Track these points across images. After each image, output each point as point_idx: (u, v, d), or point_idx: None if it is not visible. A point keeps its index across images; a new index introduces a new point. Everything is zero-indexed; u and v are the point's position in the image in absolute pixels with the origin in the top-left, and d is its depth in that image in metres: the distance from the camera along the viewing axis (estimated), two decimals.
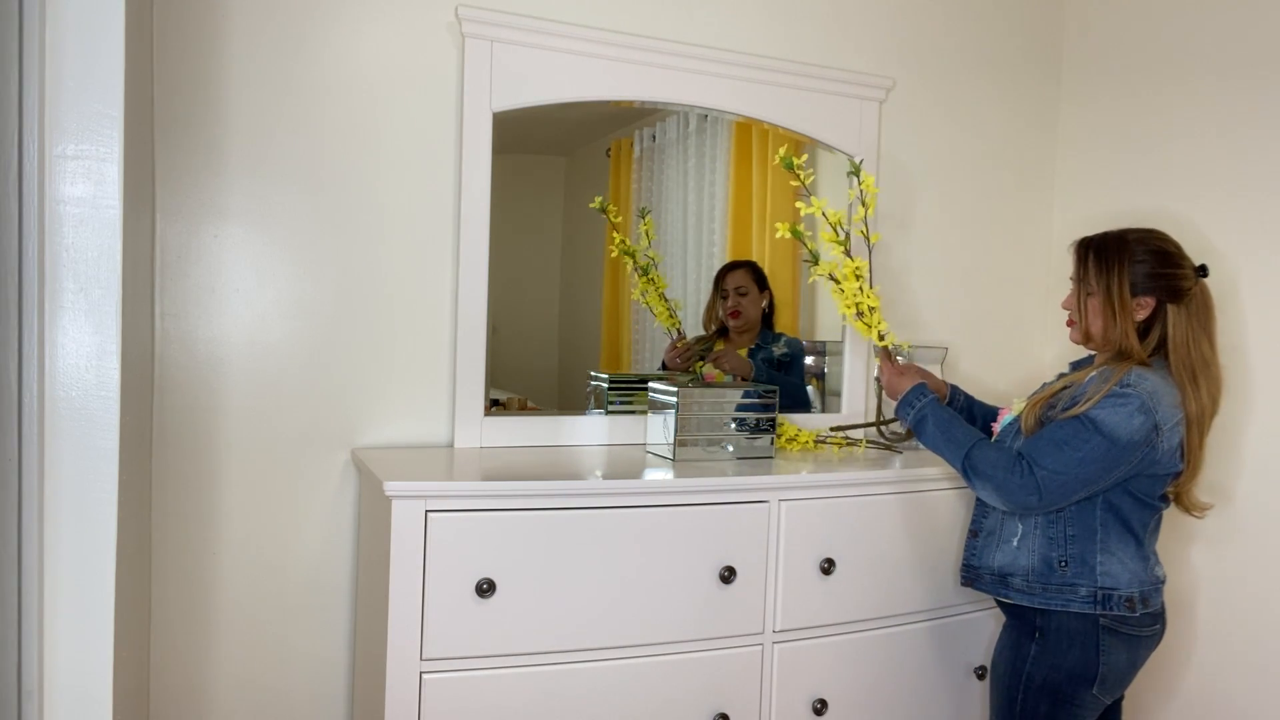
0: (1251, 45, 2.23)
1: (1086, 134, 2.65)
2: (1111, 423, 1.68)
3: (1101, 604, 1.75)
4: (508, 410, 2.18)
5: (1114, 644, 1.76)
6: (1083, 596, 1.76)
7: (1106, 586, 1.75)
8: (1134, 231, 1.81)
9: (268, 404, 1.98)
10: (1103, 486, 1.73)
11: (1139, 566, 1.77)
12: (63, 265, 1.35)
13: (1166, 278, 1.76)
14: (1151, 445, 1.69)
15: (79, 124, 1.34)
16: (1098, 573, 1.75)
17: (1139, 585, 1.76)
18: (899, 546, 2.04)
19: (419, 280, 2.08)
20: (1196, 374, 1.74)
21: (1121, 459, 1.69)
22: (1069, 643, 1.76)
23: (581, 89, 2.15)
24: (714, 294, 2.37)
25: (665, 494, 1.84)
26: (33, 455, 1.34)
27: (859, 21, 2.47)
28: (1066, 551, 1.77)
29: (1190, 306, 1.76)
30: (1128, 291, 1.76)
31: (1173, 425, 1.72)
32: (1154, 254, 1.77)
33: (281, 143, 1.96)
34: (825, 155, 2.45)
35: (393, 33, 2.03)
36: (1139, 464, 1.71)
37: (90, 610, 1.39)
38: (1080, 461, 1.70)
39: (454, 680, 1.71)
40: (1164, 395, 1.71)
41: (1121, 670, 1.78)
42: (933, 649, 2.11)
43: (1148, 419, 1.68)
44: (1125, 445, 1.68)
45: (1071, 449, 1.70)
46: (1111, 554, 1.76)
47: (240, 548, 1.98)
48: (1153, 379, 1.71)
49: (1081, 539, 1.77)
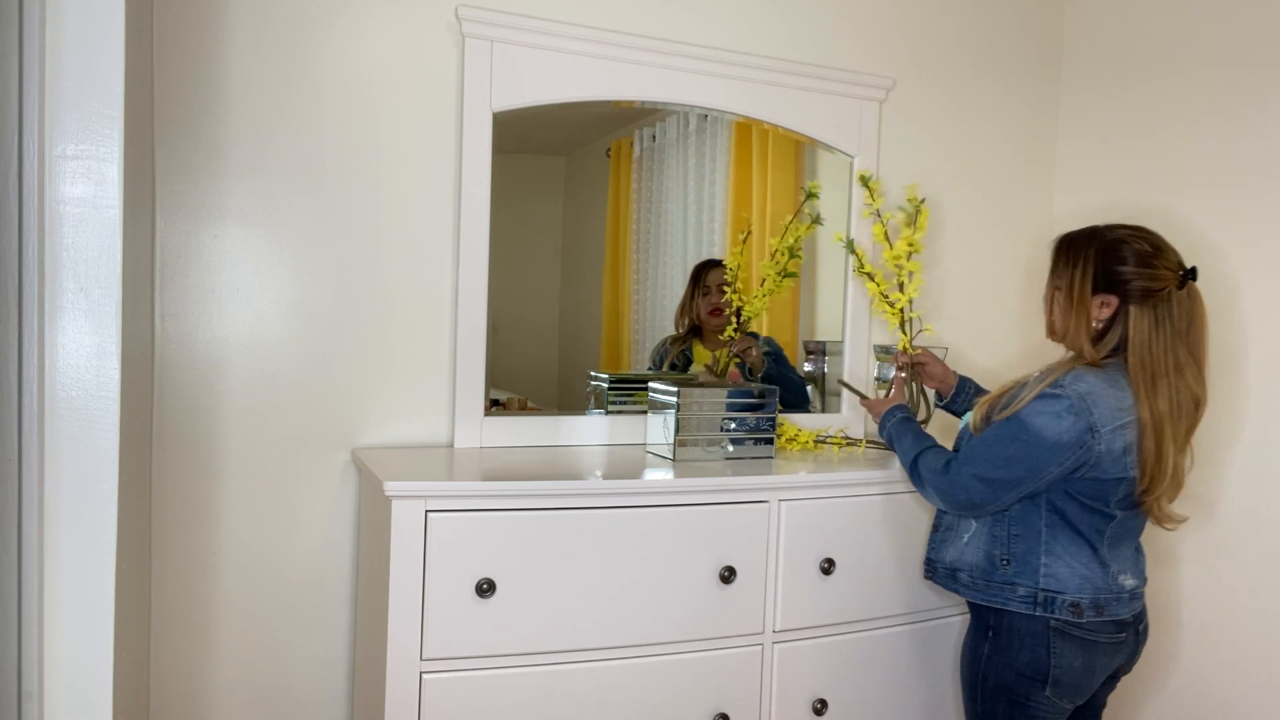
0: (1255, 38, 2.23)
1: (1087, 132, 2.65)
2: (1039, 424, 1.67)
3: (1043, 606, 1.72)
4: (508, 410, 2.18)
5: (1067, 647, 1.73)
6: (1021, 596, 1.74)
7: (1049, 589, 1.72)
8: (1110, 228, 1.76)
9: (268, 404, 1.98)
10: (1036, 487, 1.71)
11: (1093, 573, 1.73)
12: (63, 265, 1.35)
13: (1132, 276, 1.70)
14: (1085, 447, 1.66)
15: (79, 124, 1.34)
16: (1040, 574, 1.73)
17: (1091, 591, 1.72)
18: (899, 546, 2.04)
19: (419, 280, 2.08)
20: (1157, 379, 1.67)
21: (1049, 459, 1.67)
22: (1020, 643, 1.75)
23: (581, 89, 2.15)
24: (691, 291, 2.34)
25: (665, 494, 1.84)
26: (33, 455, 1.34)
27: (859, 21, 2.47)
28: (1009, 550, 1.77)
29: (1161, 309, 1.69)
30: (1088, 288, 1.74)
31: (1114, 428, 1.67)
32: (1121, 252, 1.72)
33: (281, 143, 1.96)
34: (825, 155, 2.45)
35: (393, 33, 2.03)
36: (1075, 466, 1.68)
37: (90, 610, 1.39)
38: (1007, 461, 1.70)
39: (454, 680, 1.71)
40: (1104, 397, 1.67)
41: (1077, 674, 1.74)
42: (933, 649, 2.11)
43: (1079, 420, 1.65)
44: (1052, 446, 1.66)
45: (1000, 449, 1.71)
46: (1057, 557, 1.73)
47: (240, 548, 1.98)
48: (1091, 380, 1.68)
49: (1026, 538, 1.75)
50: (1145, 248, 1.72)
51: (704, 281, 2.35)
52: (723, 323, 2.35)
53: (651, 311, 2.34)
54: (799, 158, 2.45)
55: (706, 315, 2.35)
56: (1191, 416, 1.72)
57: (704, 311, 2.35)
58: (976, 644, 1.82)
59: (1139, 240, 1.73)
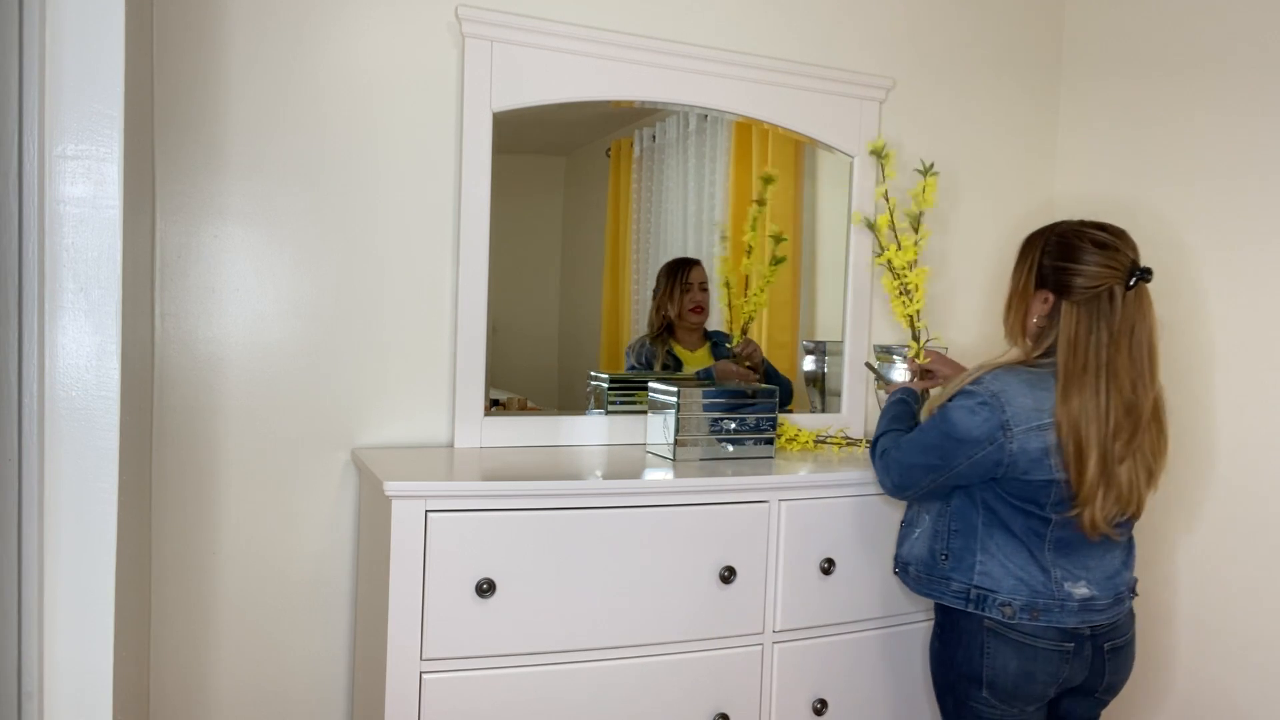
0: (1257, 38, 2.23)
1: (1087, 132, 2.65)
2: (954, 417, 1.68)
3: (976, 603, 1.71)
4: (508, 410, 2.18)
5: (1001, 648, 1.70)
6: (954, 591, 1.74)
7: (983, 586, 1.71)
8: (1064, 223, 1.74)
9: (268, 404, 1.98)
10: (950, 478, 1.71)
11: (1030, 576, 1.69)
12: (63, 265, 1.35)
13: (1066, 272, 1.66)
14: (996, 444, 1.65)
15: (79, 124, 1.34)
16: (975, 571, 1.72)
17: (1026, 595, 1.68)
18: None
19: (419, 280, 2.08)
20: (1082, 380, 1.62)
21: (959, 452, 1.68)
22: (958, 641, 1.75)
23: (581, 89, 2.15)
24: (670, 288, 2.33)
25: (665, 494, 1.84)
26: (33, 455, 1.34)
27: (859, 21, 2.47)
28: (948, 545, 1.76)
29: (1099, 308, 1.64)
30: (1031, 284, 1.73)
31: (1029, 429, 1.64)
32: (1061, 247, 1.69)
33: (281, 143, 1.96)
34: (825, 155, 2.45)
35: (393, 32, 2.03)
36: (990, 464, 1.67)
37: (90, 610, 1.39)
38: (924, 449, 1.73)
39: (454, 680, 1.71)
40: (1019, 397, 1.65)
41: (1012, 678, 1.69)
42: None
43: (992, 416, 1.65)
44: (961, 439, 1.67)
45: (921, 437, 1.75)
46: (992, 556, 1.71)
47: (240, 547, 1.98)
48: (1007, 378, 1.67)
49: (964, 534, 1.75)
50: (1088, 244, 1.67)
51: (685, 279, 2.35)
52: (702, 320, 2.36)
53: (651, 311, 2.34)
54: (799, 158, 2.45)
55: (688, 312, 2.35)
56: (1130, 425, 1.64)
57: (685, 309, 2.35)
58: (931, 641, 1.85)
59: (1086, 236, 1.68)
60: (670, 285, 2.33)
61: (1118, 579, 1.75)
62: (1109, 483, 1.64)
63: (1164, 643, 2.37)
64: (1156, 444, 1.70)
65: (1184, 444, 2.31)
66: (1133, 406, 1.64)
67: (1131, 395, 1.64)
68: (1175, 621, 2.36)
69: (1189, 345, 2.33)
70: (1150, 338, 1.66)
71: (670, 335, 2.36)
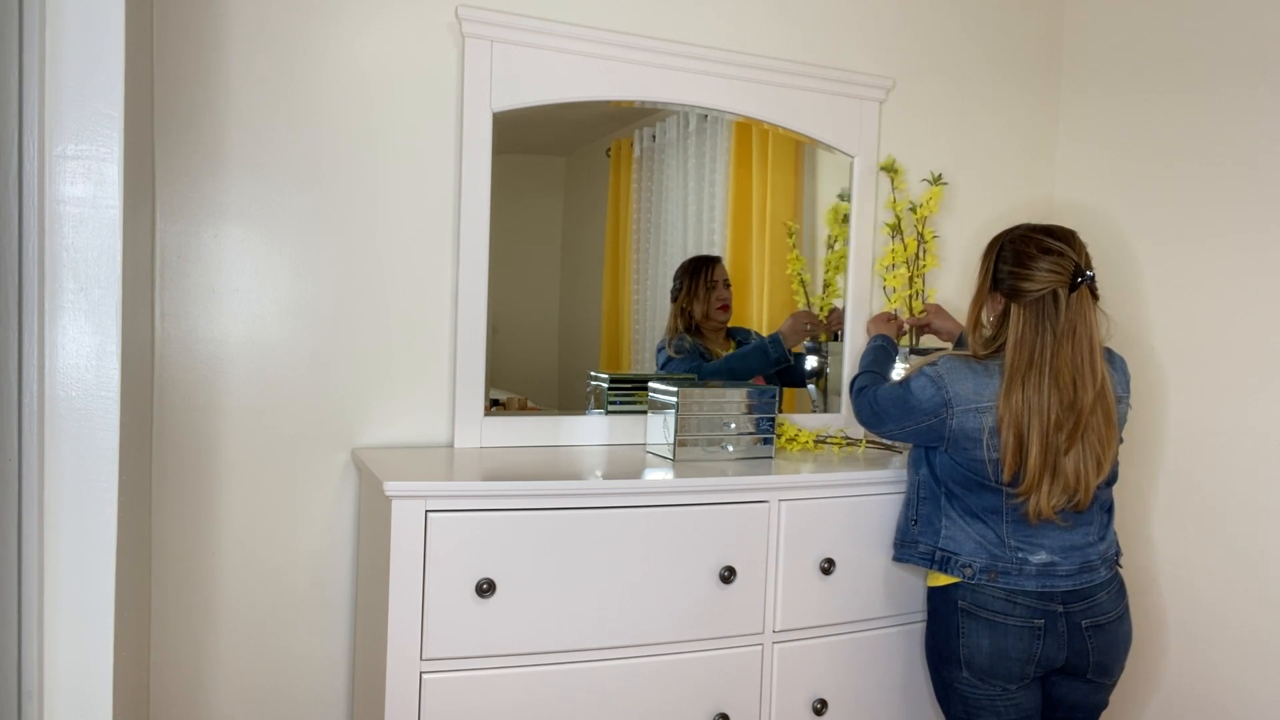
0: (1258, 44, 2.23)
1: (1087, 132, 2.65)
2: (914, 386, 1.87)
3: (940, 564, 1.85)
4: (508, 410, 2.18)
5: (972, 627, 1.81)
6: (921, 552, 1.89)
7: (946, 549, 1.85)
8: (1016, 228, 1.85)
9: (268, 404, 1.98)
10: (901, 433, 1.91)
11: (988, 542, 1.82)
12: (63, 265, 1.35)
13: (1009, 276, 1.79)
14: (939, 417, 1.82)
15: (79, 124, 1.34)
16: (941, 535, 1.86)
17: (986, 558, 1.81)
18: None
19: (419, 280, 2.08)
20: (1025, 377, 1.75)
21: (911, 414, 1.86)
22: (936, 623, 1.89)
23: (581, 89, 2.15)
24: (693, 287, 2.33)
25: (665, 494, 1.84)
26: (33, 455, 1.34)
27: (859, 21, 2.47)
28: (918, 511, 1.91)
29: (1043, 310, 1.76)
30: (987, 285, 1.85)
31: (968, 409, 1.79)
32: (1007, 252, 1.81)
33: (281, 142, 1.96)
34: (825, 155, 2.45)
35: (393, 33, 2.03)
36: (935, 433, 1.83)
37: (90, 610, 1.39)
38: (892, 401, 1.91)
39: (454, 680, 1.71)
40: (963, 381, 1.81)
41: (987, 656, 1.79)
42: None
43: (938, 393, 1.82)
44: (914, 405, 1.85)
45: (890, 390, 1.93)
46: (954, 521, 1.86)
47: (240, 548, 1.98)
48: (957, 366, 1.83)
49: (931, 501, 1.89)
50: (1035, 251, 1.78)
51: (710, 276, 2.34)
52: (728, 317, 2.38)
53: (651, 311, 2.33)
54: (799, 158, 2.45)
55: (715, 310, 2.35)
56: (1072, 418, 1.75)
57: (713, 307, 2.34)
58: (925, 628, 1.96)
59: (1034, 242, 1.79)
60: (694, 284, 2.33)
61: (1088, 550, 1.84)
62: (1054, 473, 1.76)
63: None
64: (1105, 434, 1.79)
65: (1192, 436, 2.30)
66: (1073, 402, 1.75)
67: (1072, 391, 1.75)
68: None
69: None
70: (1092, 336, 1.77)
71: (697, 335, 2.35)
